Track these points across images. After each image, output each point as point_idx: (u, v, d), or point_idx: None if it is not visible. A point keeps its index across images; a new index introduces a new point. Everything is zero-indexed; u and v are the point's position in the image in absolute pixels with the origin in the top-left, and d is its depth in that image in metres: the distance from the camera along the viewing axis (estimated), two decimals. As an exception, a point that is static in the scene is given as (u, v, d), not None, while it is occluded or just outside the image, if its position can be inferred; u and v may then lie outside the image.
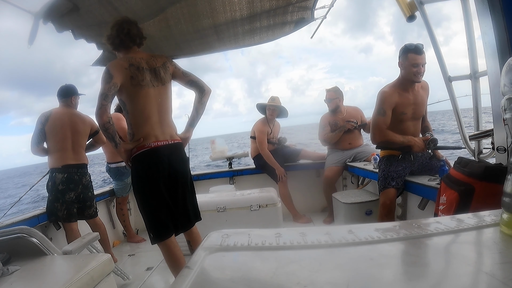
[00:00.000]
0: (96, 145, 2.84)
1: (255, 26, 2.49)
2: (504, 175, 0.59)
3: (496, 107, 1.30)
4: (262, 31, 2.61)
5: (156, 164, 1.72)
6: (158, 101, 1.75)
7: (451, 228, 0.60)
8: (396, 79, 2.25)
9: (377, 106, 2.21)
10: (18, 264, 1.50)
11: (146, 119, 1.72)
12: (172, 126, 1.85)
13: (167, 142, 1.76)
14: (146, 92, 1.71)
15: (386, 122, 2.19)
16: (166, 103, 1.80)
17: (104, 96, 1.59)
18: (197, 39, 2.53)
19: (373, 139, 2.28)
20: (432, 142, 2.16)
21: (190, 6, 2.03)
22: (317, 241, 0.59)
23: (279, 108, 3.56)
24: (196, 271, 0.51)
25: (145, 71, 1.71)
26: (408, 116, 2.22)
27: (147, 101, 1.71)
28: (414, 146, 2.16)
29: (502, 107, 0.62)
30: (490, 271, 0.46)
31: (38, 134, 2.49)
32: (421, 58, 2.08)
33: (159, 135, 1.74)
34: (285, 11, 2.38)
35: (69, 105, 2.63)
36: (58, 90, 2.64)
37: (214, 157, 4.08)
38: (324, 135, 3.37)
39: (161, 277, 2.41)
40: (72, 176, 2.52)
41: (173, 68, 1.86)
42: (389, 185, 2.19)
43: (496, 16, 1.23)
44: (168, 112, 1.82)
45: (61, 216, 2.45)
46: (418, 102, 2.23)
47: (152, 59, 1.77)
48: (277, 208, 2.62)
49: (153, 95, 1.73)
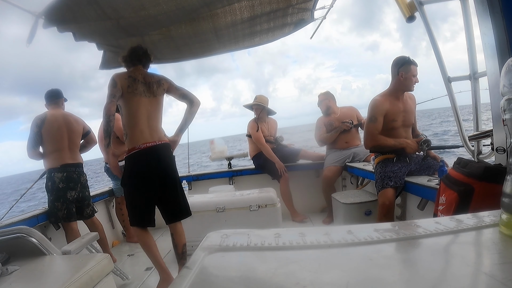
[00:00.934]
0: (88, 146, 2.85)
1: (255, 29, 2.50)
2: (503, 175, 0.59)
3: (495, 108, 1.30)
4: (262, 33, 2.62)
5: (146, 162, 2.00)
6: (148, 109, 2.05)
7: (451, 229, 0.60)
8: (388, 89, 2.37)
9: (369, 114, 2.33)
10: (17, 264, 1.50)
11: (136, 122, 2.01)
12: (160, 131, 2.10)
13: (155, 143, 2.02)
14: (138, 100, 2.01)
15: (377, 128, 2.29)
16: (155, 111, 2.09)
17: (112, 95, 1.95)
18: (197, 42, 2.54)
19: (366, 145, 2.40)
20: (425, 143, 2.21)
21: (191, 11, 2.05)
22: (316, 241, 0.59)
23: (261, 106, 3.58)
24: (195, 271, 0.51)
25: (139, 83, 2.03)
26: (398, 123, 2.32)
27: (138, 108, 2.01)
28: (407, 147, 2.22)
29: (502, 108, 0.62)
30: (490, 271, 0.46)
31: (34, 137, 2.48)
32: (417, 70, 2.27)
33: (148, 138, 2.01)
34: (285, 13, 2.39)
35: (60, 107, 2.67)
36: (48, 94, 2.66)
37: (214, 158, 4.08)
38: (319, 135, 3.42)
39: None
40: (71, 175, 2.54)
41: (168, 85, 2.16)
42: (387, 185, 2.20)
43: (495, 16, 1.23)
44: (157, 119, 2.10)
45: (61, 216, 2.45)
46: (408, 110, 2.34)
47: (149, 76, 2.10)
48: (277, 208, 2.62)
49: (144, 103, 2.03)
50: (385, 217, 2.15)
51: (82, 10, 1.85)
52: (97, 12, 1.86)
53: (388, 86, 2.38)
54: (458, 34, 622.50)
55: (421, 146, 2.21)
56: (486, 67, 1.36)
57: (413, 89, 2.30)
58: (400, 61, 2.26)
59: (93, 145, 2.89)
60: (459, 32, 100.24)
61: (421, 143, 2.21)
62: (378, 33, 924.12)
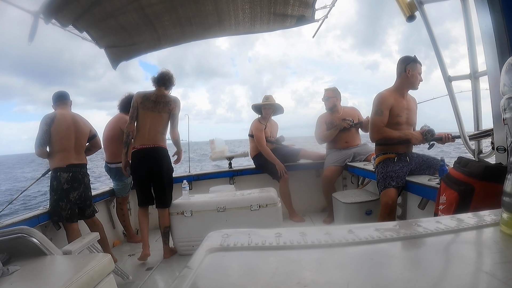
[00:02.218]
0: (93, 149, 2.86)
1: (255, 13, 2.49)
2: (504, 174, 0.59)
3: (496, 107, 1.30)
4: (263, 20, 2.61)
5: (139, 159, 2.68)
6: (151, 121, 2.69)
7: (451, 228, 0.60)
8: (393, 86, 2.39)
9: (374, 107, 2.34)
10: (18, 264, 1.50)
11: (140, 129, 2.69)
12: (158, 138, 2.70)
13: (149, 146, 2.67)
14: (145, 113, 2.68)
15: (383, 121, 2.29)
16: (156, 124, 2.70)
17: (131, 117, 2.69)
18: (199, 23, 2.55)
19: (372, 137, 2.41)
20: (429, 133, 2.23)
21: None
22: (317, 241, 0.59)
23: (274, 105, 3.60)
24: (196, 271, 0.51)
25: (150, 101, 2.69)
26: (403, 119, 2.33)
27: (144, 119, 2.68)
28: (412, 138, 2.25)
29: (502, 107, 0.62)
30: (490, 270, 0.46)
31: (43, 135, 2.49)
32: (422, 69, 2.32)
33: (145, 141, 2.67)
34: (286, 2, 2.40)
35: (68, 108, 2.69)
36: (56, 95, 2.69)
37: (214, 157, 4.08)
38: (319, 133, 3.42)
39: (161, 277, 2.41)
40: (76, 175, 2.55)
41: (173, 108, 2.75)
42: (389, 185, 2.20)
43: (496, 16, 1.23)
44: (157, 129, 2.70)
45: (64, 216, 2.46)
46: (411, 109, 2.38)
47: (161, 97, 2.72)
48: (277, 208, 2.62)
49: (149, 116, 2.68)
50: (388, 216, 2.16)
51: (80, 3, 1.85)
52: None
53: (393, 83, 2.38)
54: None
55: (425, 136, 2.23)
56: (486, 66, 1.36)
57: (418, 87, 2.34)
58: (407, 59, 2.30)
59: (98, 149, 2.91)
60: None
61: (425, 133, 2.23)
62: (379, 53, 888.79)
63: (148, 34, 2.59)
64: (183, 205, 2.67)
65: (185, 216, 2.62)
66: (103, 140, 3.09)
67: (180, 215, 2.64)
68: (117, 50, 2.73)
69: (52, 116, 2.54)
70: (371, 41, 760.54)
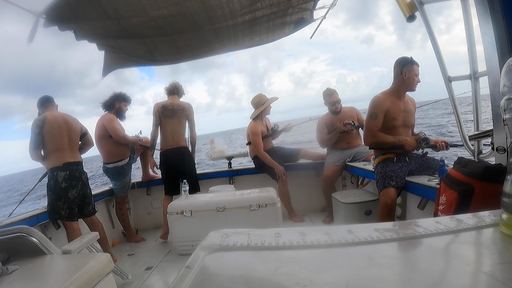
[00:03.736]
0: (85, 147, 2.86)
1: (255, 29, 2.49)
2: (503, 175, 0.59)
3: (495, 108, 1.30)
4: (262, 33, 2.61)
5: (166, 158, 3.23)
6: (172, 126, 3.22)
7: (451, 228, 0.60)
8: (390, 88, 2.37)
9: (369, 111, 2.34)
10: (18, 264, 1.50)
11: (164, 133, 3.23)
12: (180, 139, 3.25)
13: (174, 146, 3.22)
14: (166, 120, 3.19)
15: (377, 125, 2.29)
16: (177, 127, 3.24)
17: (155, 125, 3.20)
18: (197, 43, 2.54)
19: (366, 141, 2.41)
20: (423, 141, 2.22)
21: (190, 12, 2.05)
22: (316, 241, 0.59)
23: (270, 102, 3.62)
24: (195, 270, 0.51)
25: (168, 109, 3.19)
26: (399, 123, 2.32)
27: (166, 124, 3.21)
28: (406, 145, 2.23)
29: (502, 108, 0.62)
30: (490, 271, 0.46)
31: (36, 138, 2.48)
32: (419, 70, 2.29)
33: (170, 143, 3.21)
34: (285, 13, 2.38)
35: (55, 109, 2.69)
36: (41, 99, 2.69)
37: (214, 157, 4.07)
38: (321, 137, 3.41)
39: (160, 276, 2.41)
40: (73, 173, 2.56)
41: (189, 114, 3.29)
42: (388, 184, 2.20)
43: (496, 16, 1.23)
44: (178, 132, 3.24)
45: (64, 215, 2.46)
46: (408, 111, 2.35)
47: (177, 105, 3.23)
48: (277, 208, 2.62)
49: (170, 122, 3.20)
50: (387, 216, 2.16)
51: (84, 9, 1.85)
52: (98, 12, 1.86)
53: (390, 85, 2.38)
54: (453, 26, 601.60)
55: (419, 144, 2.22)
56: (486, 67, 1.36)
57: (416, 89, 2.32)
58: (403, 60, 2.28)
59: (90, 147, 2.91)
60: (453, 24, 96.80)
61: (420, 141, 2.22)
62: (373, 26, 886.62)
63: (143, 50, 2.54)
64: (183, 205, 2.67)
65: (184, 216, 2.62)
66: (96, 142, 3.10)
67: (180, 215, 2.63)
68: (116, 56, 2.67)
69: (43, 118, 2.53)
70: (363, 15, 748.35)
